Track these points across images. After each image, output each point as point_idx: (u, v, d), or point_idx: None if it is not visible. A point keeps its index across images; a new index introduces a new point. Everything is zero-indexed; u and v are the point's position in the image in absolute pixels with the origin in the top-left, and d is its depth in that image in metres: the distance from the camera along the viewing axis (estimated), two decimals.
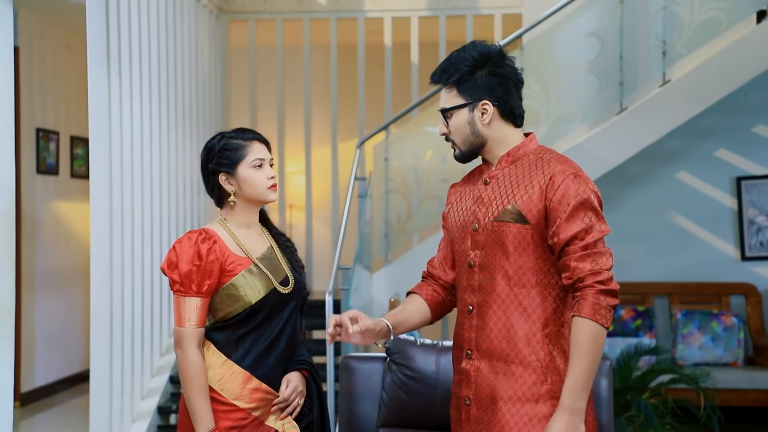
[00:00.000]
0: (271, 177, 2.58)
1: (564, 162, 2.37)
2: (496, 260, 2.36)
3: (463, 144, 2.42)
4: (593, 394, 3.02)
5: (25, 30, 6.97)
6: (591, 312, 2.24)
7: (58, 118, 7.45)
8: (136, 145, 5.06)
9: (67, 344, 7.48)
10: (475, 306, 2.39)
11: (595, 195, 2.34)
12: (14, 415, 6.65)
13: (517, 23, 7.25)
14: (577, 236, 2.28)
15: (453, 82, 2.39)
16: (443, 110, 2.42)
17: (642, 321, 6.66)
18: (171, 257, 2.49)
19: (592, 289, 2.25)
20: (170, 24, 5.83)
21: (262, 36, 7.80)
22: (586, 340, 2.24)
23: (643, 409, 4.94)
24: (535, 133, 2.47)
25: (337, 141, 7.66)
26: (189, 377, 2.47)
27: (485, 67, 2.38)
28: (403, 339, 3.16)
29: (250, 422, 2.50)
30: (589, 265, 2.26)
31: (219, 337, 2.54)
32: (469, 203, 2.46)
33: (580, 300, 2.26)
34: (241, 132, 2.62)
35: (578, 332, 2.25)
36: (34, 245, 7.12)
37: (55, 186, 7.44)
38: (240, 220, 2.61)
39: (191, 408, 2.47)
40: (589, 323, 2.24)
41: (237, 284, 2.50)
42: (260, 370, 2.51)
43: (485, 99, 2.37)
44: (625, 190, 6.88)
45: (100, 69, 4.61)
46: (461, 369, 2.42)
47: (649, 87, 6.06)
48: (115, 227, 4.73)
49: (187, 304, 2.48)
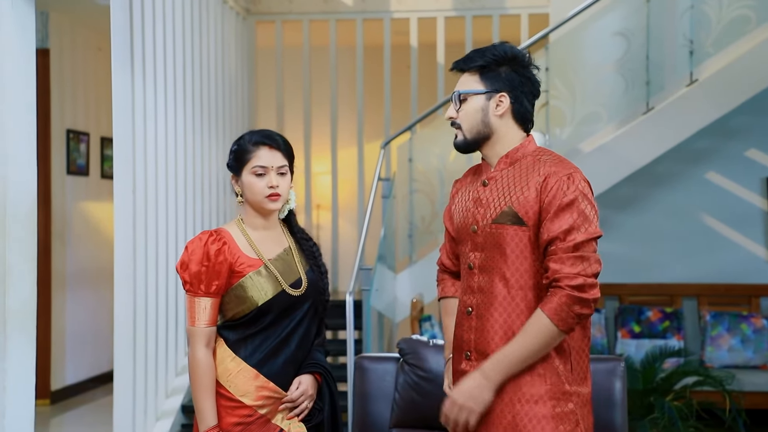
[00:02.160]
0: (271, 186, 2.55)
1: (559, 164, 2.36)
2: (495, 262, 2.36)
3: (469, 131, 2.42)
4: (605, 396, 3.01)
5: (56, 32, 7.06)
6: (553, 312, 2.23)
7: (89, 120, 7.54)
8: (161, 146, 5.10)
9: (98, 343, 7.56)
10: (474, 307, 2.40)
11: (584, 197, 2.30)
12: (44, 412, 6.76)
13: (543, 23, 7.22)
14: (558, 237, 2.26)
15: (477, 67, 2.40)
16: (459, 93, 2.42)
17: (670, 323, 6.60)
18: (183, 257, 2.52)
19: (563, 292, 2.23)
20: (196, 25, 5.88)
21: (288, 37, 7.84)
22: (536, 331, 2.25)
23: (666, 411, 4.89)
24: (559, 133, 2.48)
25: (363, 141, 7.68)
26: (195, 375, 2.50)
27: (511, 64, 2.41)
28: (415, 339, 3.17)
29: (256, 419, 2.52)
30: (567, 268, 2.24)
31: (229, 335, 2.56)
32: (469, 204, 2.46)
33: (549, 296, 2.25)
34: (254, 135, 2.61)
35: (534, 320, 2.26)
36: (65, 245, 7.22)
37: (86, 186, 7.53)
38: (254, 221, 2.62)
39: (196, 405, 2.50)
40: (546, 320, 2.24)
41: (244, 285, 2.52)
42: (267, 368, 2.52)
43: (504, 92, 2.39)
44: (653, 190, 6.82)
45: (124, 70, 4.65)
46: (461, 370, 2.42)
47: (676, 86, 6.00)
48: (138, 227, 4.77)
49: (197, 303, 2.51)
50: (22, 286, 3.68)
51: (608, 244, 6.83)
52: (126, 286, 4.65)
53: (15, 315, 3.62)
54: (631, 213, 6.86)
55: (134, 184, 4.73)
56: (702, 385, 5.26)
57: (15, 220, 3.64)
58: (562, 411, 2.31)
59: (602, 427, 3.03)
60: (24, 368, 3.69)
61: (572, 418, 2.32)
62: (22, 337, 3.67)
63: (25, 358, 3.69)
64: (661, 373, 5.31)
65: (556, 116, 6.14)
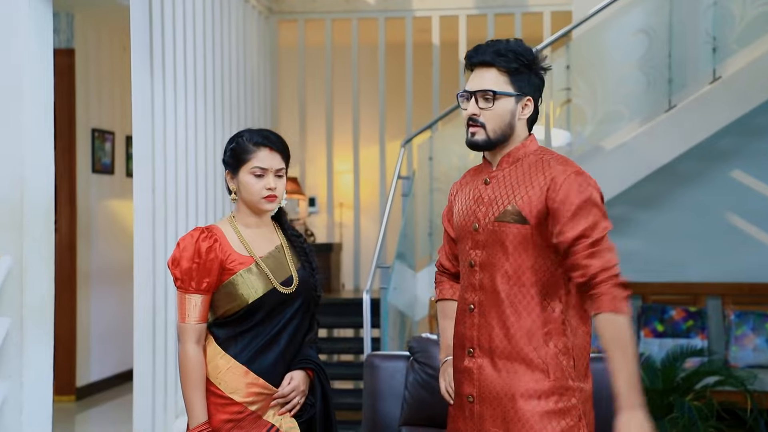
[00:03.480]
0: (269, 188, 2.57)
1: (564, 162, 2.38)
2: (497, 260, 2.37)
3: (493, 132, 2.39)
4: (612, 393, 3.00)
5: (81, 32, 7.14)
6: (611, 306, 2.25)
7: (114, 119, 7.62)
8: (180, 145, 5.14)
9: (122, 340, 7.63)
10: (476, 304, 2.41)
11: (598, 192, 2.34)
12: (69, 409, 6.84)
13: (566, 21, 7.18)
14: (583, 234, 2.29)
15: (512, 68, 2.37)
16: (493, 92, 2.37)
17: (694, 322, 6.54)
18: (175, 254, 2.54)
19: (607, 284, 2.26)
20: (217, 25, 5.92)
21: (310, 36, 7.87)
22: (617, 334, 2.24)
23: (686, 411, 4.85)
24: (581, 131, 2.49)
25: (384, 140, 7.69)
26: (185, 372, 2.52)
27: (534, 68, 2.41)
28: (425, 338, 3.17)
29: (247, 416, 2.52)
30: (600, 262, 2.27)
31: (220, 332, 2.57)
32: (470, 203, 2.47)
33: (599, 296, 2.26)
34: (255, 135, 2.62)
35: (606, 329, 2.25)
36: (90, 243, 7.29)
37: (111, 185, 7.61)
38: (247, 219, 2.63)
39: (186, 401, 2.52)
40: (612, 317, 2.24)
41: (235, 283, 2.53)
42: (257, 365, 2.53)
43: (531, 96, 2.41)
44: (677, 189, 6.76)
45: (144, 69, 4.69)
46: (464, 367, 2.43)
47: (699, 84, 5.95)
48: (158, 226, 4.81)
49: (188, 300, 2.52)
50: (40, 284, 3.73)
51: (631, 242, 6.79)
52: (145, 284, 4.69)
53: (32, 312, 3.67)
54: (654, 211, 6.81)
55: (154, 182, 4.76)
56: (723, 384, 5.21)
57: (32, 218, 3.68)
58: (565, 406, 2.32)
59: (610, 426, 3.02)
60: (42, 364, 3.74)
61: (575, 413, 2.33)
62: (39, 334, 3.72)
63: (42, 354, 3.74)
64: (682, 372, 5.27)
65: (577, 114, 6.11)
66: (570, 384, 2.34)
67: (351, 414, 5.72)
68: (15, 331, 3.59)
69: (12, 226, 3.62)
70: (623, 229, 6.81)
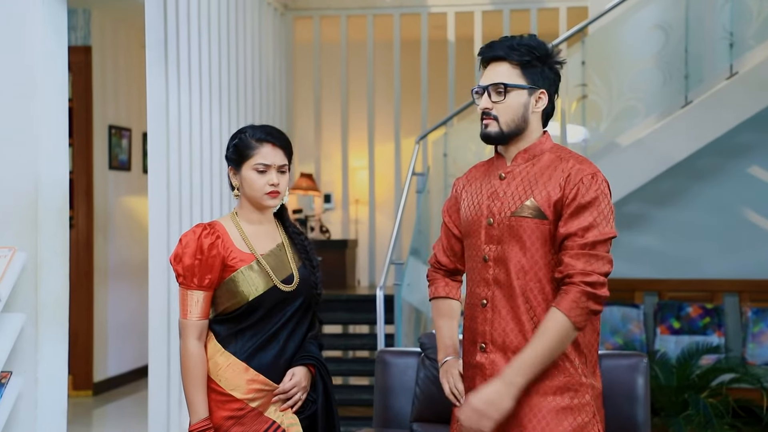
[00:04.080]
0: (272, 184, 2.58)
1: (582, 162, 2.39)
2: (512, 254, 2.37)
3: (506, 125, 2.40)
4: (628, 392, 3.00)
5: (98, 30, 7.18)
6: (568, 307, 2.26)
7: (131, 115, 7.66)
8: (195, 142, 5.15)
9: (139, 335, 7.67)
10: (489, 299, 2.40)
11: (605, 197, 2.34)
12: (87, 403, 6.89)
13: (582, 17, 7.15)
14: (576, 233, 2.29)
15: (524, 61, 2.39)
16: (505, 84, 2.38)
17: (710, 319, 6.51)
18: (177, 250, 2.54)
19: (577, 288, 2.26)
20: (232, 22, 5.93)
21: (326, 32, 7.88)
22: (552, 330, 2.27)
23: (701, 408, 4.83)
24: (595, 129, 2.49)
25: (400, 137, 7.69)
26: (186, 368, 2.53)
27: (548, 62, 2.42)
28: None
29: (248, 413, 2.53)
30: (581, 265, 2.27)
31: (220, 329, 2.57)
32: (483, 198, 2.46)
33: (563, 293, 2.28)
34: (258, 131, 2.62)
35: (549, 320, 2.28)
36: (107, 239, 7.34)
37: (128, 181, 7.65)
38: (249, 215, 2.64)
39: (187, 398, 2.52)
40: (562, 317, 2.26)
41: (236, 280, 2.54)
42: (257, 362, 2.53)
43: (544, 89, 2.41)
44: (694, 185, 6.73)
45: (159, 66, 4.71)
46: (475, 363, 2.42)
47: (716, 80, 5.91)
48: (172, 223, 4.82)
49: (190, 296, 2.53)
50: (55, 280, 3.76)
51: (648, 239, 6.77)
52: (160, 280, 4.70)
53: (47, 308, 3.69)
54: (671, 208, 6.77)
55: (168, 179, 4.78)
56: (739, 382, 5.19)
57: (47, 215, 3.71)
58: (580, 402, 2.33)
59: (624, 423, 3.03)
60: (57, 360, 3.77)
61: (589, 410, 2.34)
62: (54, 330, 3.75)
63: (57, 350, 3.77)
64: (698, 369, 5.25)
65: (592, 111, 6.09)
66: (583, 380, 2.34)
67: (366, 410, 5.74)
68: (30, 326, 3.61)
69: (27, 223, 3.64)
70: (639, 226, 6.78)
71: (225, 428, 2.52)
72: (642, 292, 6.76)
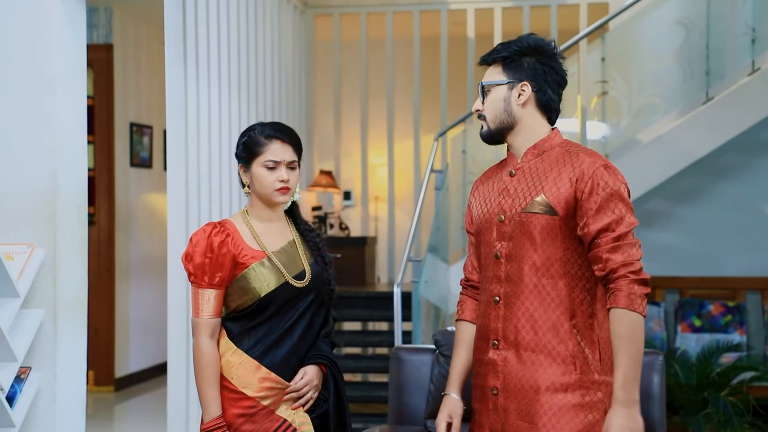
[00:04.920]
0: (282, 180, 2.58)
1: (592, 155, 2.39)
2: (524, 251, 2.37)
3: (492, 122, 2.45)
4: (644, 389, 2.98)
5: (119, 28, 7.24)
6: (627, 302, 2.26)
7: (152, 113, 7.70)
8: (214, 140, 5.17)
9: (160, 331, 7.71)
10: (502, 296, 2.40)
11: (625, 187, 2.35)
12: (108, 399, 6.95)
13: (603, 13, 7.11)
14: (607, 228, 2.30)
15: (500, 58, 2.43)
16: (482, 85, 2.46)
17: (732, 317, 6.46)
18: (188, 249, 2.56)
19: (626, 279, 2.27)
20: (252, 19, 5.95)
21: (345, 30, 7.88)
22: (627, 331, 2.27)
23: (721, 406, 4.80)
24: (615, 125, 2.48)
25: (419, 134, 7.69)
26: (199, 366, 2.54)
27: (535, 55, 2.43)
28: (451, 331, 3.16)
29: (259, 411, 2.53)
30: (621, 257, 2.28)
31: (233, 327, 2.58)
32: (494, 195, 2.47)
33: (615, 291, 2.29)
34: (267, 128, 2.63)
35: (618, 324, 2.28)
36: (128, 236, 7.39)
37: (149, 178, 7.70)
38: (260, 213, 2.64)
39: (200, 395, 2.53)
40: (627, 313, 2.27)
41: (247, 276, 2.55)
42: (269, 359, 2.54)
43: (526, 81, 2.42)
44: (717, 182, 6.68)
45: (177, 63, 4.73)
46: (488, 360, 2.42)
47: (737, 76, 5.87)
48: (191, 220, 4.85)
49: (201, 295, 2.54)
50: (73, 276, 3.79)
51: (669, 236, 6.73)
52: (179, 277, 4.73)
53: (66, 304, 3.73)
54: (692, 205, 6.73)
55: (187, 177, 4.80)
56: (760, 380, 5.15)
57: (66, 211, 3.74)
58: (591, 400, 2.32)
59: None
60: (75, 355, 3.80)
61: (601, 407, 2.33)
62: (73, 325, 3.78)
63: (76, 346, 3.80)
64: (718, 367, 5.21)
65: (611, 107, 6.06)
66: (596, 378, 2.33)
67: (385, 407, 5.73)
68: (49, 322, 3.65)
69: (45, 219, 3.67)
70: (660, 223, 6.75)
71: (236, 426, 2.53)
72: (663, 289, 6.72)
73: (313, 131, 7.80)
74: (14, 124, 3.71)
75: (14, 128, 3.71)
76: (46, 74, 3.71)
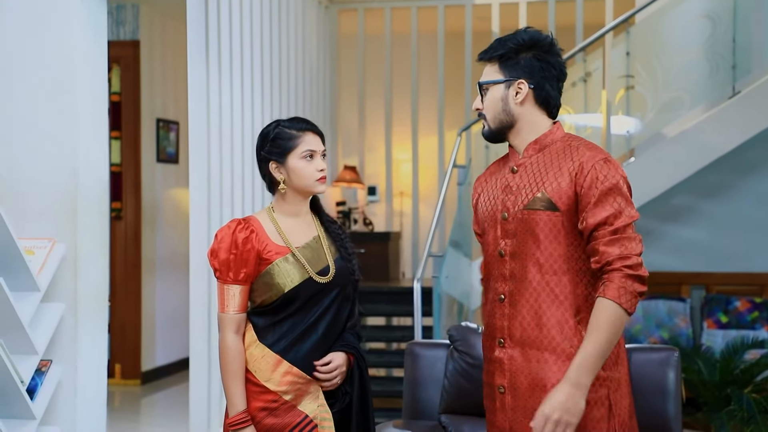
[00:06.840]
0: (321, 169, 2.62)
1: (593, 148, 2.38)
2: (527, 248, 2.37)
3: (492, 121, 2.44)
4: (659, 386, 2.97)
5: (146, 24, 7.29)
6: (616, 294, 2.24)
7: (178, 109, 7.75)
8: (237, 135, 5.20)
9: (186, 326, 7.71)
10: (506, 294, 2.40)
11: (624, 180, 2.33)
12: (135, 392, 7.02)
13: (629, 6, 7.05)
14: (605, 221, 2.28)
15: (496, 57, 2.42)
16: (480, 84, 2.45)
17: (759, 313, 6.41)
18: (213, 245, 2.58)
19: (620, 273, 2.25)
20: (275, 14, 5.97)
21: (370, 25, 7.89)
22: (606, 320, 2.24)
23: (744, 403, 4.76)
24: (640, 120, 2.46)
25: (443, 129, 7.68)
26: (224, 361, 2.56)
27: (531, 50, 2.41)
28: (465, 327, 3.17)
29: (281, 405, 2.55)
30: (618, 250, 2.26)
31: (259, 321, 2.61)
32: (497, 192, 2.46)
33: (607, 282, 2.27)
34: (295, 122, 2.66)
35: (599, 311, 2.26)
36: (155, 231, 7.45)
37: (175, 174, 7.76)
38: (287, 208, 2.66)
39: (225, 390, 2.56)
40: (612, 305, 2.24)
41: (272, 272, 2.57)
42: (292, 354, 2.56)
43: (522, 78, 2.40)
44: (743, 177, 6.61)
45: (200, 59, 4.75)
46: (494, 358, 2.42)
47: (764, 70, 5.83)
48: (213, 216, 4.88)
49: (227, 291, 2.57)
50: (94, 271, 3.83)
51: (695, 232, 6.68)
52: (201, 272, 4.76)
53: (86, 299, 3.77)
54: (718, 200, 6.67)
55: (209, 173, 4.83)
56: None
57: (86, 206, 3.78)
58: (593, 397, 2.30)
59: (656, 417, 3.00)
60: (96, 349, 3.84)
61: (605, 404, 2.32)
62: (94, 319, 3.83)
63: (97, 340, 3.85)
64: (742, 364, 5.17)
65: (636, 102, 6.02)
66: (600, 374, 2.31)
67: None
68: (69, 316, 3.70)
69: (66, 214, 3.72)
70: (686, 219, 6.69)
71: (258, 419, 2.55)
72: (689, 285, 6.68)
73: (337, 126, 7.82)
74: (35, 121, 3.76)
75: (35, 125, 3.76)
76: (67, 72, 3.75)
